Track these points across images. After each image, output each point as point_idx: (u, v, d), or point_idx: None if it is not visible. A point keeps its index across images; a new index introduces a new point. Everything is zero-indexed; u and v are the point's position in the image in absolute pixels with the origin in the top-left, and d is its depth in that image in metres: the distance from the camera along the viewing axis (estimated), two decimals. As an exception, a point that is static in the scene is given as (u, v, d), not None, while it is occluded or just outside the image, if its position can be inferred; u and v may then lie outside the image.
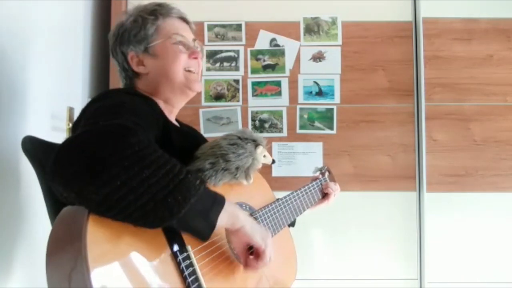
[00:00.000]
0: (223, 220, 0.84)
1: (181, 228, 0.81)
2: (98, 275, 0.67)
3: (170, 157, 0.77)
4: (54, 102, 1.58)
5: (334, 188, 1.45)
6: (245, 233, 0.90)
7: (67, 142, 0.72)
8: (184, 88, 1.13)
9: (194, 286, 0.82)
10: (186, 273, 0.81)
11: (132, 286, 0.72)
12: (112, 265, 0.71)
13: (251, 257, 0.94)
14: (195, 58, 1.14)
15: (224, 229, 0.95)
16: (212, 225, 0.82)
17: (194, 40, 1.18)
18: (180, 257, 0.82)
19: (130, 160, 0.70)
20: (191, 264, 0.83)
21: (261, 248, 0.92)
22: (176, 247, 0.82)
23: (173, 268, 0.81)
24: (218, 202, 0.84)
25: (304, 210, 1.33)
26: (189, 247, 0.84)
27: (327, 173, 1.50)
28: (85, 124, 0.88)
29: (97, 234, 0.70)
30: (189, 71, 1.13)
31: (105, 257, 0.70)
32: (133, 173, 0.70)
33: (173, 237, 0.82)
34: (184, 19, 1.18)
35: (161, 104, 1.11)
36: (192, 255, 0.84)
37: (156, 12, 1.13)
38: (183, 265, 0.82)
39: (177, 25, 1.15)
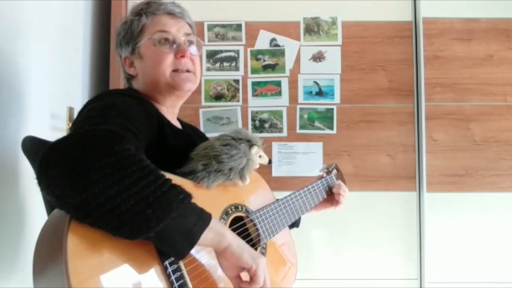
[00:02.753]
0: (208, 238, 0.79)
1: (159, 243, 0.75)
2: None
3: (156, 169, 0.74)
4: (54, 102, 1.58)
5: (343, 193, 1.39)
6: (232, 253, 0.83)
7: (52, 145, 0.71)
8: (171, 89, 1.09)
9: None
10: (173, 277, 0.79)
11: None
12: (96, 280, 0.69)
13: (244, 277, 0.87)
14: (182, 57, 1.08)
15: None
16: (192, 242, 0.77)
17: (187, 34, 1.12)
18: (167, 262, 0.79)
19: (111, 167, 0.68)
20: (178, 269, 0.80)
21: (252, 269, 0.84)
22: (163, 252, 0.78)
23: (160, 274, 0.78)
24: (203, 219, 0.79)
25: (307, 210, 1.31)
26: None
27: (334, 171, 1.47)
28: (75, 127, 0.87)
29: (78, 247, 0.68)
30: (176, 70, 1.09)
31: (87, 272, 0.68)
32: (112, 181, 0.68)
33: None
34: (174, 14, 1.12)
35: (156, 105, 1.11)
36: (182, 266, 0.81)
37: (142, 11, 1.11)
38: (170, 270, 0.79)
39: (164, 21, 1.10)
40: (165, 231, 0.73)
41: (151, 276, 0.77)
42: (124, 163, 0.70)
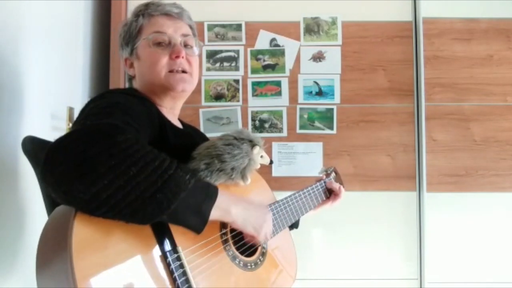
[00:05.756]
0: (215, 216, 0.86)
1: (172, 222, 0.81)
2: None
3: (160, 153, 0.77)
4: (54, 102, 1.58)
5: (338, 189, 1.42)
6: (237, 227, 0.94)
7: (56, 142, 0.73)
8: (165, 89, 1.10)
9: (184, 287, 0.81)
10: (176, 274, 0.80)
11: None
12: (100, 275, 0.70)
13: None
14: (177, 57, 1.09)
15: (218, 229, 0.97)
16: (204, 219, 0.83)
17: (184, 35, 1.12)
18: (170, 258, 0.81)
19: (117, 158, 0.70)
20: (181, 265, 0.82)
21: (254, 237, 0.98)
22: (166, 248, 0.81)
23: (163, 269, 0.80)
24: (210, 195, 0.85)
25: (307, 212, 1.32)
26: (179, 248, 0.83)
27: (333, 174, 1.48)
28: (77, 125, 0.88)
29: (83, 242, 0.69)
30: (171, 71, 1.09)
31: (92, 268, 0.69)
32: (120, 171, 0.70)
33: (163, 238, 0.82)
34: (171, 15, 1.12)
35: (156, 104, 1.11)
36: (182, 256, 0.83)
37: (140, 13, 1.12)
38: (173, 266, 0.81)
39: (161, 22, 1.11)
40: (177, 211, 0.76)
41: (154, 272, 0.78)
42: (128, 152, 0.72)
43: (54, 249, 0.71)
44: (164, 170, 0.74)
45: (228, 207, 0.89)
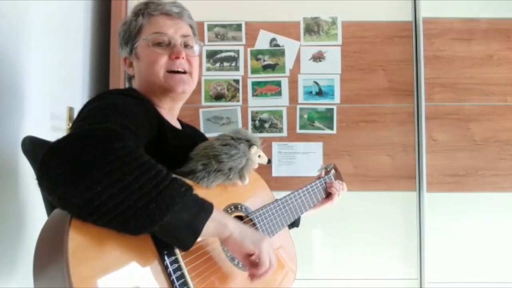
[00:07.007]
0: (210, 229, 0.81)
1: (164, 236, 0.77)
2: None
3: (156, 163, 0.75)
4: (54, 102, 1.58)
5: (338, 188, 1.42)
6: (234, 241, 0.87)
7: (52, 145, 0.72)
8: (164, 90, 1.09)
9: None
10: (173, 277, 0.79)
11: None
12: (97, 279, 0.69)
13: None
14: (177, 58, 1.08)
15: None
16: (196, 234, 0.78)
17: (184, 36, 1.12)
18: (167, 261, 0.80)
19: (112, 165, 0.69)
20: (179, 268, 0.81)
21: (255, 254, 0.88)
22: (163, 251, 0.80)
23: (161, 273, 0.79)
24: (205, 210, 0.80)
25: (306, 210, 1.32)
26: (177, 251, 0.82)
27: (332, 171, 1.48)
28: (75, 127, 0.88)
29: (79, 246, 0.69)
30: (171, 71, 1.09)
31: (88, 272, 0.68)
32: (114, 178, 0.68)
33: (160, 240, 0.80)
34: (171, 15, 1.11)
35: (155, 105, 1.11)
36: (180, 259, 0.82)
37: (140, 12, 1.12)
38: (170, 269, 0.79)
39: (161, 22, 1.10)
40: (169, 224, 0.74)
41: (152, 275, 0.77)
42: (124, 160, 0.71)
43: (50, 253, 0.71)
44: (159, 181, 0.73)
45: (224, 220, 0.85)
